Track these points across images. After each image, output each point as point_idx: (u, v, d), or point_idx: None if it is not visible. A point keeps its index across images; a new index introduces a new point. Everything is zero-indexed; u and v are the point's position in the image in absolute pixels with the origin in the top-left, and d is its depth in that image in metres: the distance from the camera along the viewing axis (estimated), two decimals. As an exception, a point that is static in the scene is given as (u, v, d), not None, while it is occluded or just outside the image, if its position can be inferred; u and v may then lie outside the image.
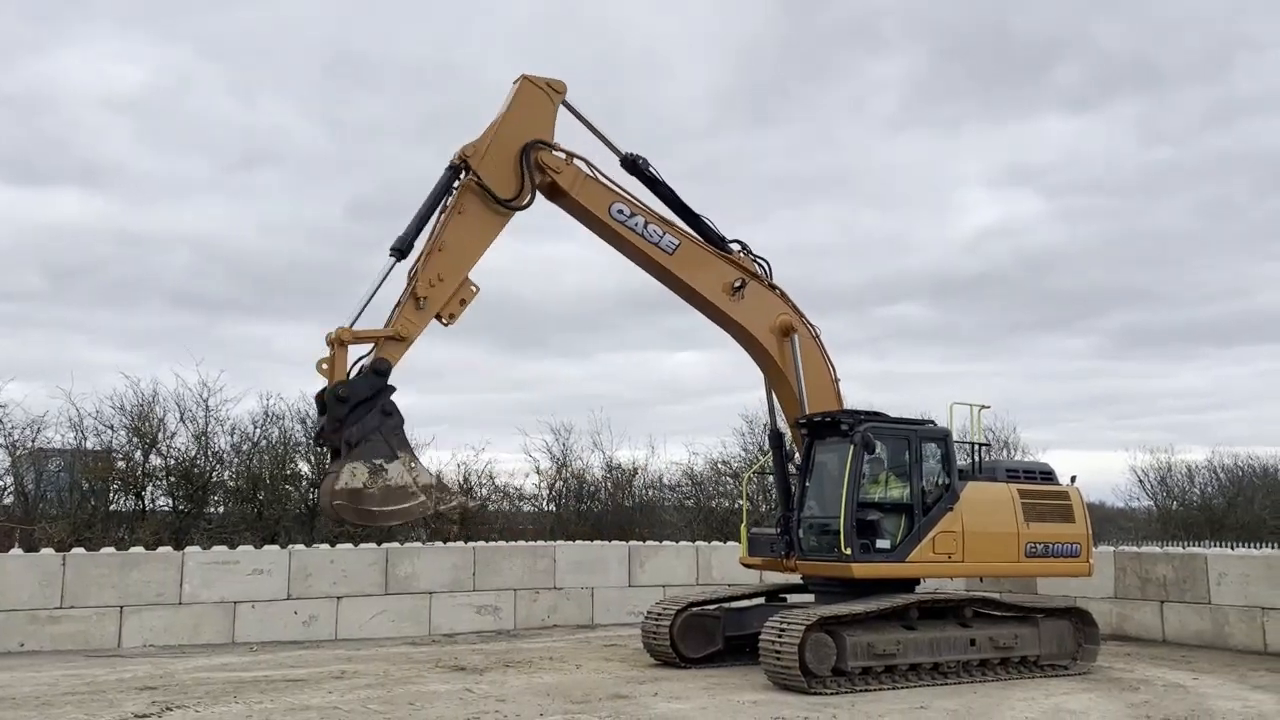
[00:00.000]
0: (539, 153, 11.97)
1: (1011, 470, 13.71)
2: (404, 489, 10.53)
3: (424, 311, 11.12)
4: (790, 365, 12.97)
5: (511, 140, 11.89)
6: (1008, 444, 34.81)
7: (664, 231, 12.55)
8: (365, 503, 10.38)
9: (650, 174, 12.84)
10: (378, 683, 11.56)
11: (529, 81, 12.19)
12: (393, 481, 10.49)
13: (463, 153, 11.63)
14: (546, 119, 12.23)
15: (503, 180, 11.74)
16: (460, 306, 11.41)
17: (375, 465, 10.45)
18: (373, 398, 10.62)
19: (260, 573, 15.68)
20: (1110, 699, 11.00)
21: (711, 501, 28.09)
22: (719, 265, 12.88)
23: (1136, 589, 16.43)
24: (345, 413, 10.49)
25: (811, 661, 11.03)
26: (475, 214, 11.59)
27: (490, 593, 17.27)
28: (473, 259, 11.55)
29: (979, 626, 12.47)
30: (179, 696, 10.55)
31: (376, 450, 10.52)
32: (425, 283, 11.11)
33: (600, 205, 12.31)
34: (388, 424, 10.67)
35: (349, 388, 10.58)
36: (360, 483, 10.36)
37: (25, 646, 14.14)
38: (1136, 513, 39.54)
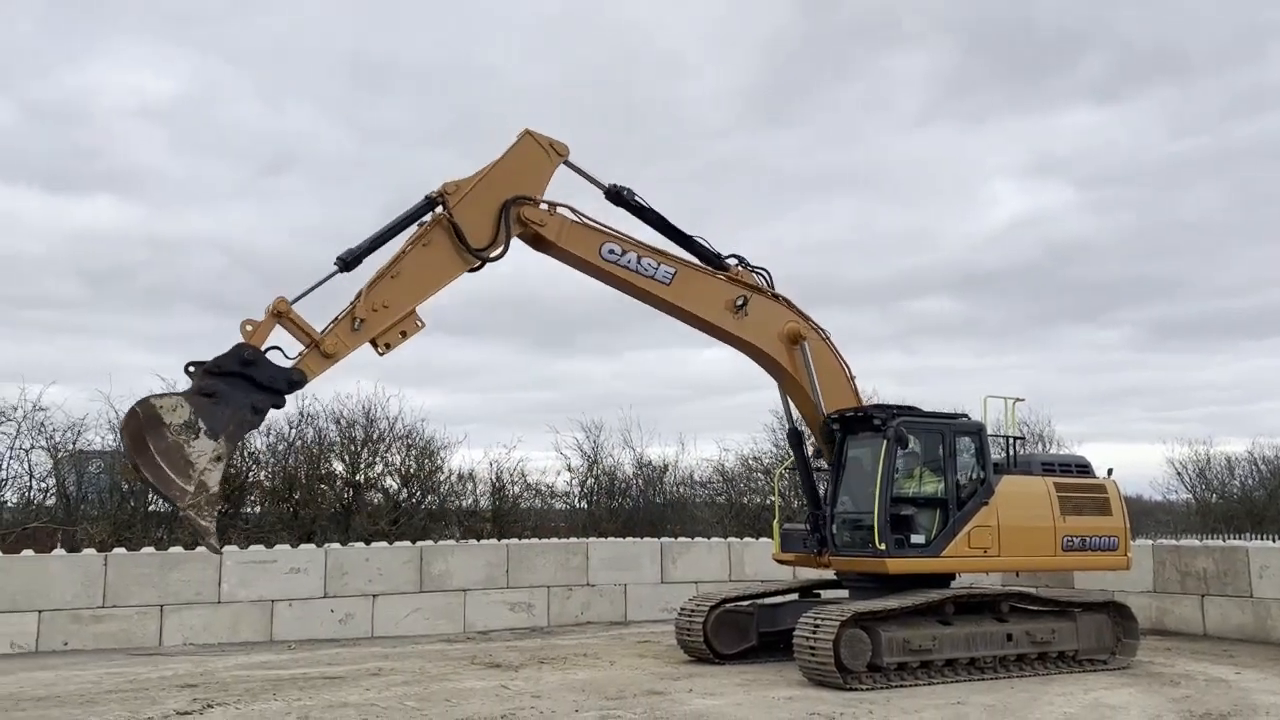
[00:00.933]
0: (520, 208, 11.47)
1: (1047, 464, 13.56)
2: (187, 464, 9.38)
3: (358, 334, 10.52)
4: (803, 372, 12.74)
5: (497, 190, 11.40)
6: (1042, 437, 34.50)
7: (658, 263, 12.12)
8: (154, 435, 9.36)
9: (636, 203, 12.35)
10: (414, 680, 11.65)
11: (530, 137, 11.72)
12: (189, 449, 9.40)
13: (444, 187, 11.17)
14: (540, 177, 11.75)
15: (478, 227, 11.22)
16: (400, 338, 10.84)
17: (195, 423, 9.46)
18: (268, 389, 9.95)
19: (297, 571, 15.85)
20: (1151, 694, 10.87)
21: (743, 498, 28.05)
22: (718, 286, 12.52)
23: (1176, 583, 16.22)
24: (235, 372, 9.74)
25: (846, 657, 10.99)
26: (440, 251, 11.07)
27: (524, 590, 17.35)
28: (425, 294, 11.01)
29: (1016, 621, 12.36)
30: (219, 694, 10.70)
31: (214, 418, 9.56)
32: (368, 306, 10.55)
33: (590, 250, 11.87)
34: (245, 418, 9.89)
35: (260, 361, 9.87)
36: (170, 419, 9.40)
37: (69, 645, 14.38)
38: (1175, 506, 39.02)
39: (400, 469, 23.84)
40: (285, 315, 10.12)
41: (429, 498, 24.07)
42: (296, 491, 22.34)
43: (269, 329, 10.10)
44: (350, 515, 22.00)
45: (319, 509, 22.33)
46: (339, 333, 10.46)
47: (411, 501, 23.55)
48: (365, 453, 23.48)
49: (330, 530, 20.73)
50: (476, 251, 11.17)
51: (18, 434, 20.28)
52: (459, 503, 24.80)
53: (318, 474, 22.73)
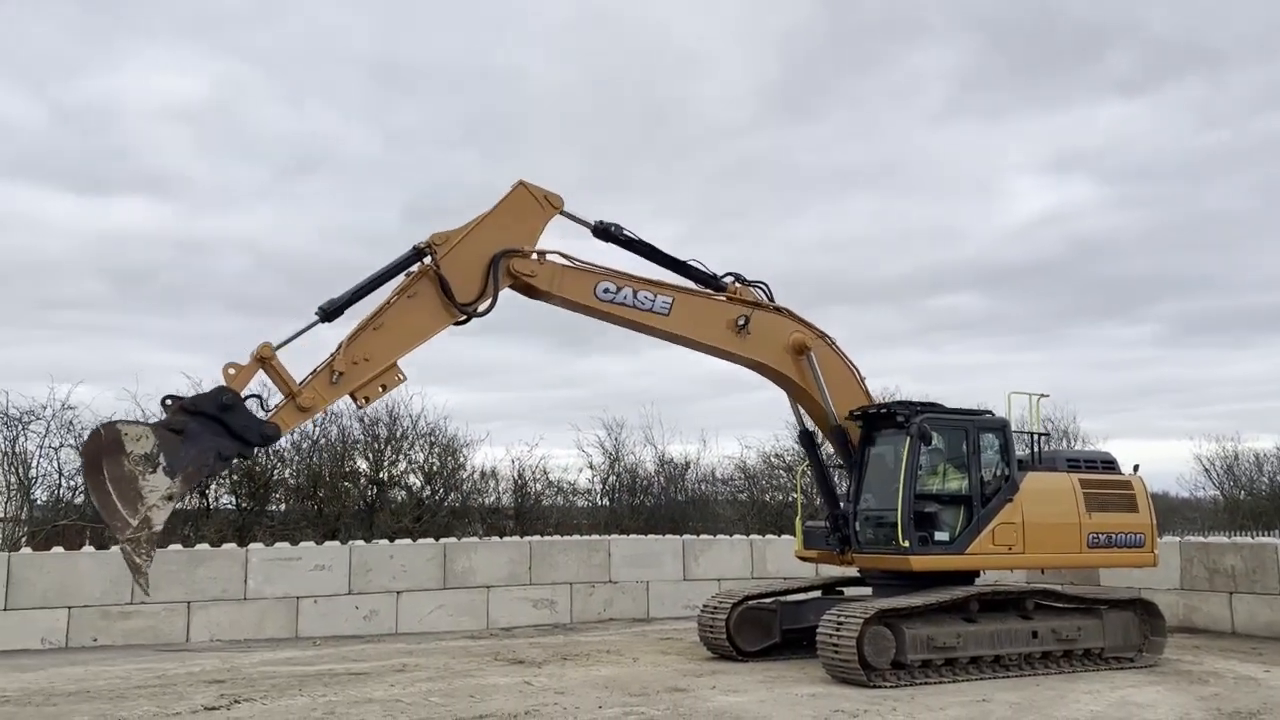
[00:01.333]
0: (510, 260, 11.22)
1: (1072, 460, 13.45)
2: (137, 496, 9.20)
3: (337, 387, 10.32)
4: (811, 381, 12.63)
5: (486, 244, 11.14)
6: (1067, 433, 34.27)
7: (655, 294, 11.93)
8: (111, 461, 9.17)
9: (625, 237, 12.07)
10: (438, 675, 11.72)
11: (525, 188, 11.48)
12: (142, 481, 9.23)
13: (432, 239, 10.92)
14: (532, 229, 11.48)
15: (465, 281, 10.96)
16: (380, 391, 10.66)
17: (155, 457, 9.28)
18: (239, 438, 9.74)
19: (321, 568, 15.97)
20: (1179, 691, 10.78)
21: (765, 495, 28.03)
22: (718, 308, 12.37)
23: (1204, 580, 16.06)
24: (210, 415, 9.61)
25: (870, 654, 10.96)
26: (425, 303, 10.82)
27: (546, 586, 17.41)
28: (408, 347, 10.81)
29: (1041, 618, 12.28)
30: (246, 689, 10.79)
31: (176, 456, 9.38)
32: (348, 358, 10.33)
33: (584, 293, 11.67)
34: (207, 462, 9.71)
35: (238, 408, 9.70)
36: (132, 447, 9.22)
37: (98, 641, 14.56)
38: (1202, 503, 38.66)
39: (423, 466, 23.99)
40: (269, 362, 10.00)
41: (452, 495, 24.20)
42: (321, 489, 22.51)
43: (252, 374, 10.02)
44: (374, 512, 22.16)
45: (343, 506, 22.50)
46: (317, 385, 10.25)
47: (435, 499, 23.68)
48: (389, 450, 23.64)
49: (354, 527, 20.88)
50: (463, 306, 10.94)
51: (47, 432, 20.58)
52: (482, 500, 24.92)
53: (342, 471, 22.90)
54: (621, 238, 12.13)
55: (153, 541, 9.36)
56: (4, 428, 20.13)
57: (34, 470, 20.47)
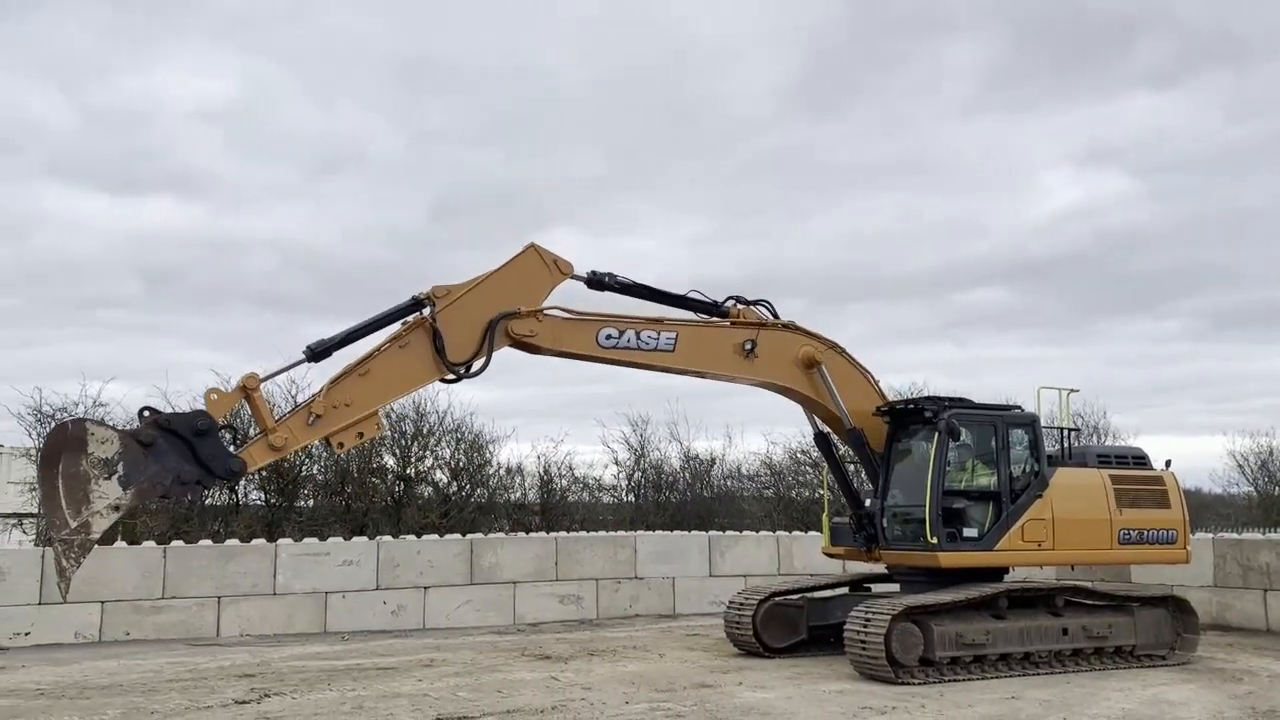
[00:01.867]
0: (508, 323, 10.98)
1: (1103, 455, 13.32)
2: (84, 498, 8.94)
3: (312, 429, 10.07)
4: (825, 393, 12.51)
5: (487, 304, 10.92)
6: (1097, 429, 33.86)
7: (658, 333, 11.73)
8: (69, 457, 8.94)
9: (620, 282, 11.84)
10: (465, 671, 11.76)
11: (535, 251, 11.26)
12: (93, 486, 8.97)
13: (433, 291, 10.70)
14: (536, 295, 11.24)
15: (461, 338, 10.74)
16: (357, 438, 10.43)
17: (114, 464, 9.05)
18: (203, 467, 9.44)
19: (350, 564, 16.08)
20: (1212, 690, 10.64)
21: (791, 491, 27.88)
22: (723, 335, 12.20)
23: (1238, 577, 15.85)
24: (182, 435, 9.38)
25: (898, 651, 10.90)
26: (416, 356, 10.58)
27: (573, 582, 17.43)
28: (392, 396, 10.79)
29: (1071, 615, 12.17)
30: (276, 684, 10.88)
31: (135, 468, 9.12)
32: (328, 402, 10.09)
33: (587, 344, 11.48)
34: (163, 482, 9.32)
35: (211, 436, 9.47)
36: (93, 448, 8.97)
37: (130, 635, 14.73)
38: (1236, 499, 38.12)
39: (450, 463, 24.05)
40: (252, 393, 9.83)
41: (478, 491, 24.23)
42: (348, 485, 22.61)
43: (233, 402, 9.91)
44: (401, 508, 22.23)
45: (370, 502, 22.59)
46: (292, 425, 10.04)
47: (461, 495, 23.72)
48: (415, 446, 23.70)
49: (382, 523, 20.96)
50: (453, 365, 10.71)
51: (79, 429, 20.76)
52: (508, 496, 24.95)
53: (369, 468, 22.98)
54: (616, 285, 11.87)
55: (86, 547, 9.02)
56: (37, 424, 20.36)
57: (67, 466, 20.69)
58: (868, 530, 12.56)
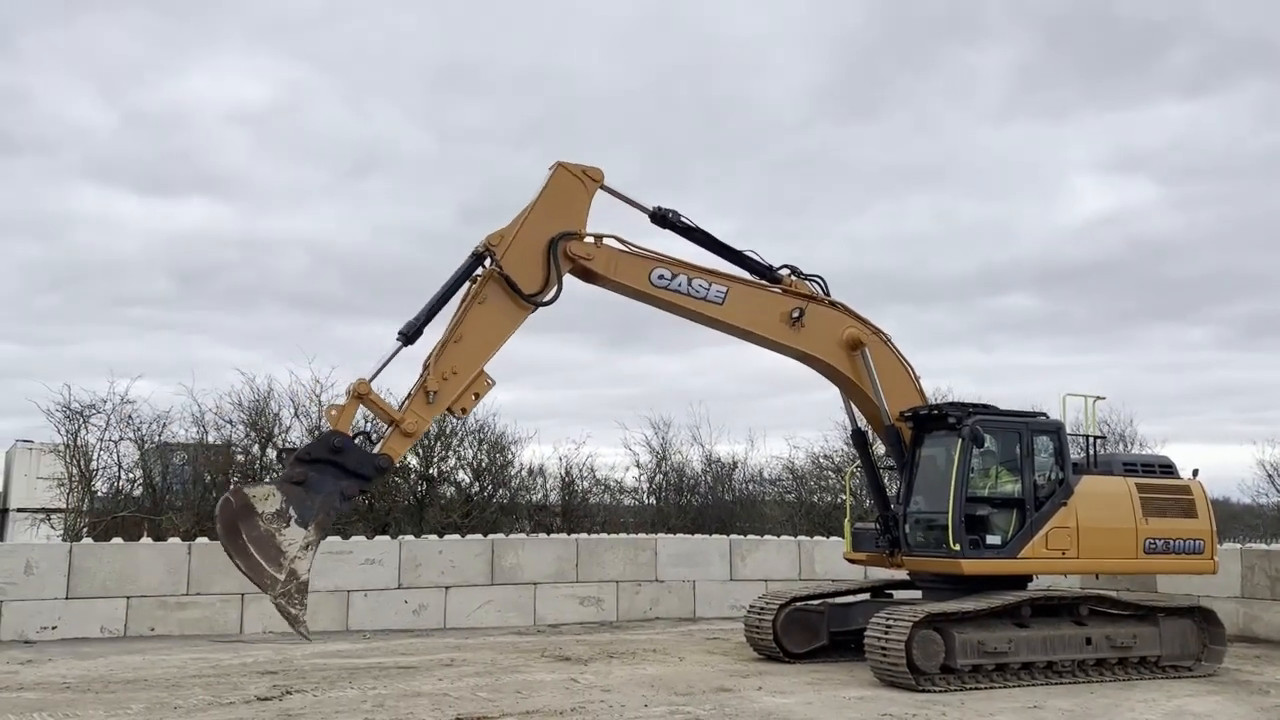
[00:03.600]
0: (567, 244, 11.29)
1: (1129, 464, 13.19)
2: (278, 552, 9.62)
3: (434, 406, 10.61)
4: (865, 378, 12.51)
5: (540, 232, 11.21)
6: (1124, 437, 33.50)
7: (710, 283, 11.90)
8: (246, 524, 9.59)
9: (682, 224, 12.10)
10: (485, 671, 11.80)
11: (563, 168, 11.46)
12: (279, 537, 9.63)
13: (488, 241, 11.00)
14: (580, 209, 11.51)
15: (528, 273, 11.07)
16: (474, 400, 10.93)
17: (286, 511, 9.67)
18: (356, 475, 10.11)
19: (372, 563, 16.17)
20: (1238, 702, 10.51)
21: (813, 496, 27.77)
22: (773, 300, 12.29)
23: (1266, 588, 15.64)
24: (324, 459, 9.94)
25: (919, 659, 10.83)
26: (497, 305, 10.96)
27: (593, 584, 17.45)
28: (490, 351, 10.97)
29: (1095, 625, 12.06)
30: (298, 681, 10.96)
31: (304, 506, 9.73)
32: (438, 376, 10.57)
33: (640, 278, 11.69)
34: (333, 504, 9.98)
35: (348, 447, 10.04)
36: (261, 507, 9.64)
37: (155, 631, 14.88)
38: (1265, 509, 37.61)
39: (472, 463, 24.13)
40: (366, 397, 10.27)
41: (500, 491, 24.30)
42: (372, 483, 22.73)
43: (353, 411, 10.35)
44: (423, 508, 22.32)
45: (393, 501, 22.69)
46: (415, 409, 10.55)
47: (483, 495, 23.79)
48: (438, 446, 23.80)
49: (404, 523, 21.06)
50: (530, 298, 11.05)
51: (107, 426, 21.01)
52: (529, 497, 25.00)
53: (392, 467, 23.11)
54: (679, 224, 12.16)
55: (303, 591, 9.76)
56: (65, 421, 20.61)
57: (94, 463, 20.93)
58: (893, 533, 12.50)
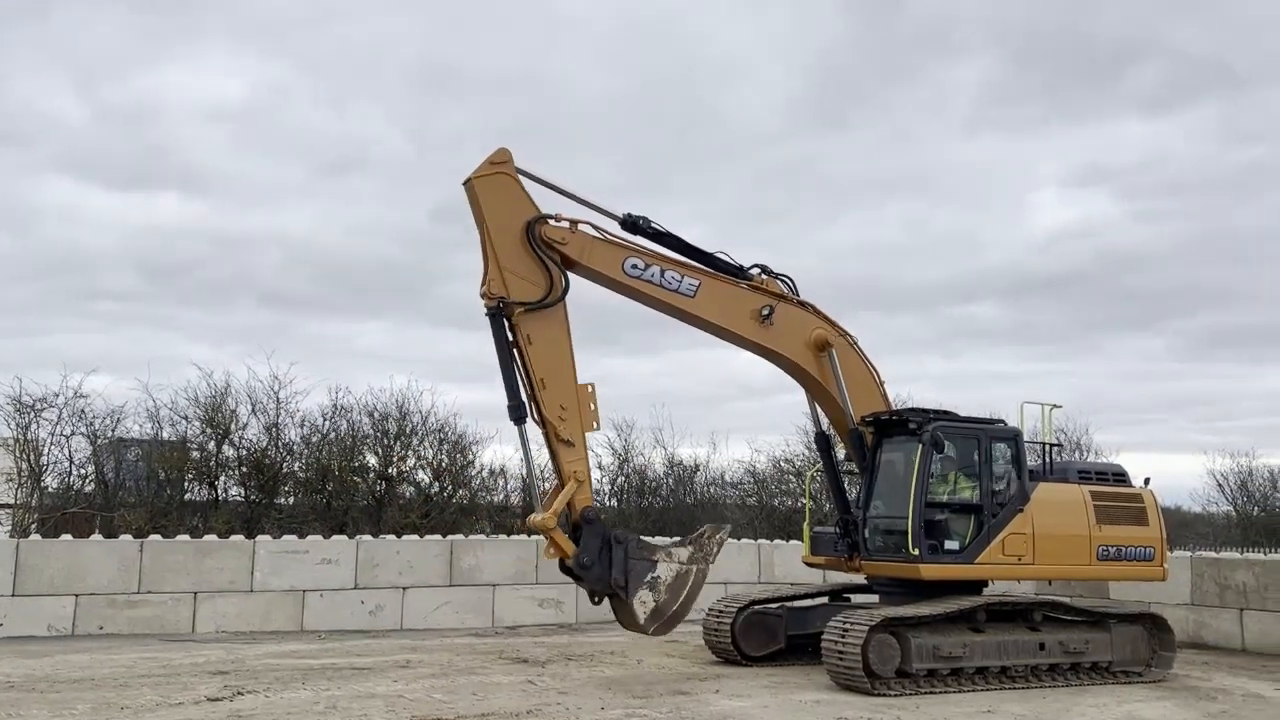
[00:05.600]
0: (541, 228, 11.40)
1: (1083, 471, 13.40)
2: (681, 575, 11.49)
3: (578, 446, 11.28)
4: (831, 379, 12.61)
5: (510, 245, 11.29)
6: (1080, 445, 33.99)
7: (682, 275, 12.01)
8: (668, 612, 11.37)
9: (653, 229, 12.16)
10: (442, 672, 11.70)
11: (477, 181, 11.39)
12: (668, 579, 11.44)
13: (487, 293, 11.23)
14: (519, 196, 11.51)
15: (532, 283, 11.29)
16: (592, 410, 11.45)
17: (650, 581, 11.33)
18: (603, 543, 11.21)
19: (328, 562, 15.99)
20: (1186, 708, 10.68)
21: (774, 500, 27.91)
22: (743, 296, 12.40)
23: (1215, 595, 15.92)
24: (598, 572, 11.17)
25: (875, 662, 10.89)
26: (539, 332, 11.28)
27: (553, 586, 17.34)
28: (570, 369, 11.37)
29: (1048, 630, 12.19)
30: (250, 681, 10.80)
31: (641, 573, 11.30)
32: (558, 423, 11.17)
33: (613, 265, 11.78)
34: (629, 549, 11.30)
35: (585, 555, 11.12)
36: (653, 603, 11.31)
37: (104, 629, 14.60)
38: (1215, 518, 38.35)
39: (432, 463, 23.97)
40: (552, 527, 11.05)
41: (460, 492, 24.17)
42: (329, 483, 22.51)
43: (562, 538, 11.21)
44: (382, 508, 22.14)
45: (351, 501, 22.49)
46: (567, 461, 11.24)
47: (443, 496, 23.65)
48: (398, 446, 23.62)
49: (362, 522, 20.87)
50: (549, 302, 11.33)
51: (59, 420, 20.62)
52: (490, 498, 24.88)
53: (350, 466, 22.89)
54: (650, 230, 12.20)
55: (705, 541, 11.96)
56: (15, 414, 20.20)
57: (44, 458, 20.53)
58: (852, 537, 12.56)
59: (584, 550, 11.12)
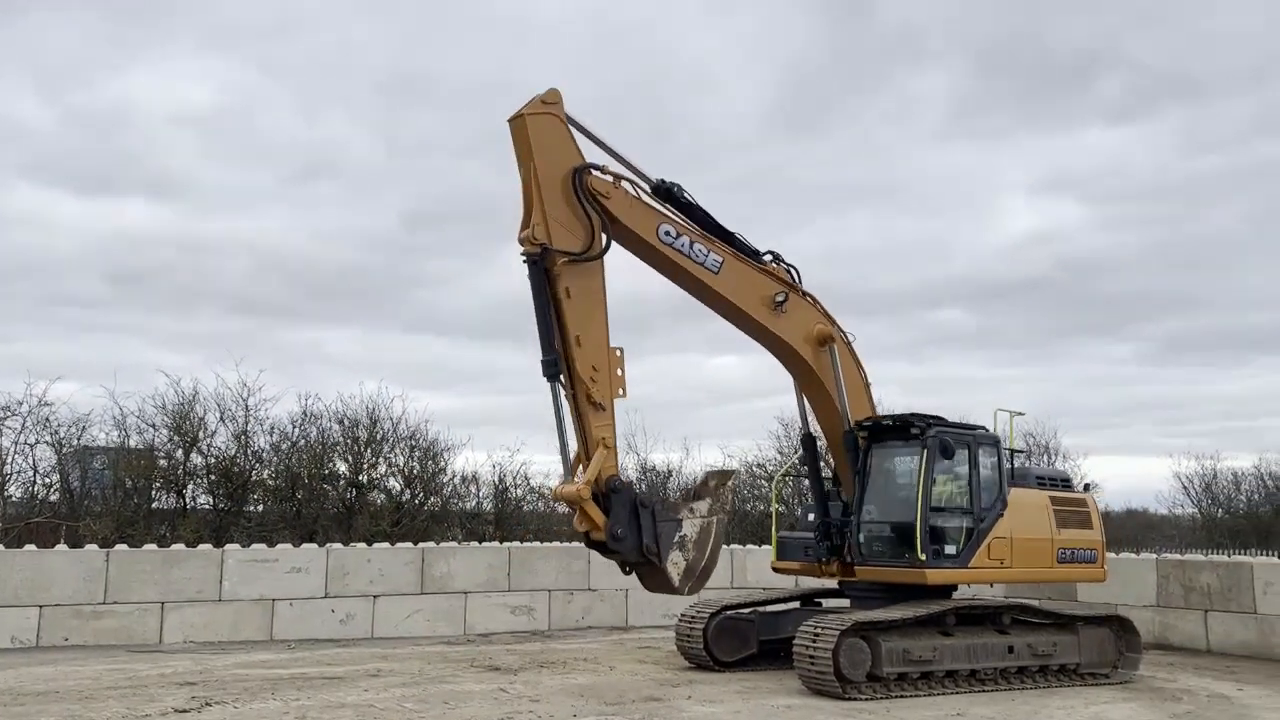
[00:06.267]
0: (587, 176, 11.09)
1: (1040, 477, 13.72)
2: (705, 529, 11.48)
3: (607, 411, 10.97)
4: (829, 374, 12.64)
5: (554, 186, 10.93)
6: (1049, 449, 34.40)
7: (709, 250, 11.92)
8: (698, 569, 11.42)
9: (685, 199, 12.09)
10: (413, 681, 11.64)
11: (530, 115, 11.00)
12: (694, 535, 11.40)
13: (529, 238, 10.76)
14: (568, 140, 11.22)
15: (575, 233, 10.92)
16: (620, 379, 11.14)
17: (679, 541, 11.29)
18: (631, 510, 10.98)
19: (298, 571, 15.85)
20: (1152, 709, 10.81)
21: (746, 505, 28.01)
22: (761, 280, 12.41)
23: (1180, 598, 16.14)
24: (631, 541, 10.94)
25: (846, 667, 10.94)
26: (578, 286, 10.89)
27: (525, 593, 17.32)
28: (604, 328, 11.02)
29: (1017, 633, 12.32)
30: (218, 692, 10.69)
31: (670, 534, 11.19)
32: (588, 384, 10.83)
33: (649, 229, 11.58)
34: (655, 512, 11.15)
35: (617, 525, 10.85)
36: (684, 562, 11.32)
37: (70, 641, 14.39)
38: (1180, 520, 38.88)
39: (403, 470, 23.87)
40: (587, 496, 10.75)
41: (431, 499, 24.09)
42: (299, 491, 22.37)
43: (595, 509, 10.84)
44: (352, 515, 22.03)
45: (321, 508, 22.36)
46: (597, 426, 10.93)
47: (414, 503, 23.56)
48: (368, 453, 23.51)
49: (332, 530, 20.76)
50: (590, 255, 11.03)
51: (23, 428, 20.36)
52: (461, 505, 24.81)
53: (321, 473, 22.76)
54: (681, 200, 12.07)
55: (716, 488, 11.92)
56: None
57: (8, 466, 20.26)
58: (834, 541, 12.62)
59: (615, 521, 10.83)
